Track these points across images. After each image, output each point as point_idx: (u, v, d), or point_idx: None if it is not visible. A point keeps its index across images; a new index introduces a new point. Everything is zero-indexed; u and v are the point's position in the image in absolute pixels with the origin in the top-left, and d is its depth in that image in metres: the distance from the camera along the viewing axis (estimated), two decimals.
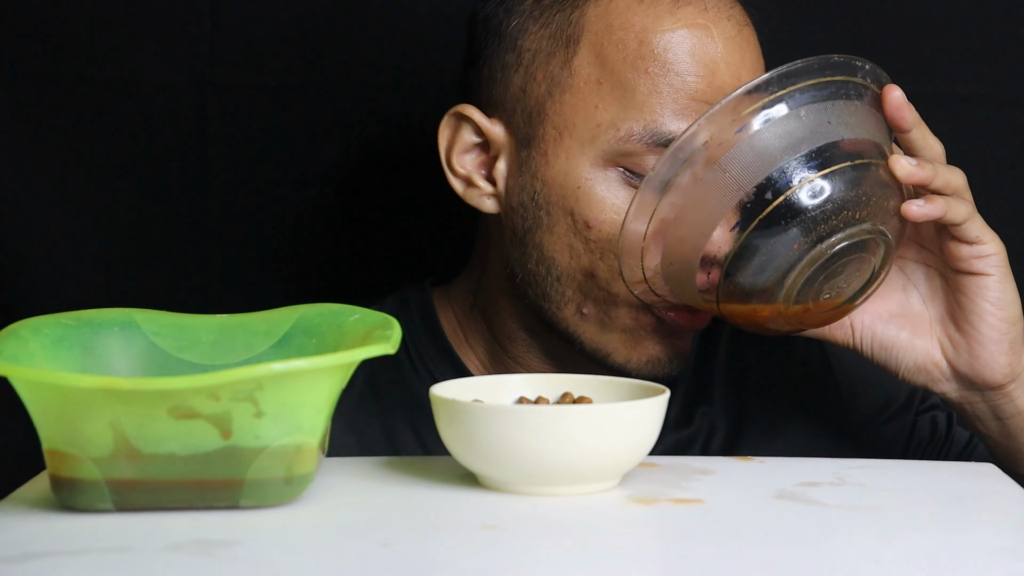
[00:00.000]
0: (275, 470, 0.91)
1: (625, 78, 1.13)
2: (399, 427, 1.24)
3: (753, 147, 1.03)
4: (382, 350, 0.92)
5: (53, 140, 1.46)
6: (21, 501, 0.94)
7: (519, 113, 1.17)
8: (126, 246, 1.48)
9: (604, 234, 1.14)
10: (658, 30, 1.13)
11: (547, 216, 1.16)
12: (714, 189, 1.04)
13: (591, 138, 1.14)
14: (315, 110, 1.48)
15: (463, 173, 1.20)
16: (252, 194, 1.49)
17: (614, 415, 0.94)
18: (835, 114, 1.04)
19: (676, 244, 1.06)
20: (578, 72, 1.14)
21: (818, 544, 0.88)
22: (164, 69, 1.46)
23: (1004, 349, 1.10)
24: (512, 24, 1.17)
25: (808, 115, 1.03)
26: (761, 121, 1.03)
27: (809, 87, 1.03)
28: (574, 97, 1.14)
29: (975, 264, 1.09)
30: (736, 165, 1.03)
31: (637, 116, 1.12)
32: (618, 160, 1.13)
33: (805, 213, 1.03)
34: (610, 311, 1.16)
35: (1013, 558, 0.85)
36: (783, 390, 1.30)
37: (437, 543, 0.88)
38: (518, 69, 1.17)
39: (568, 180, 1.14)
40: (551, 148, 1.15)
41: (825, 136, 1.03)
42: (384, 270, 1.50)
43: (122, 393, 0.87)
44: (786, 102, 1.03)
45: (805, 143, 1.03)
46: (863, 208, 1.04)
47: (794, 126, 1.03)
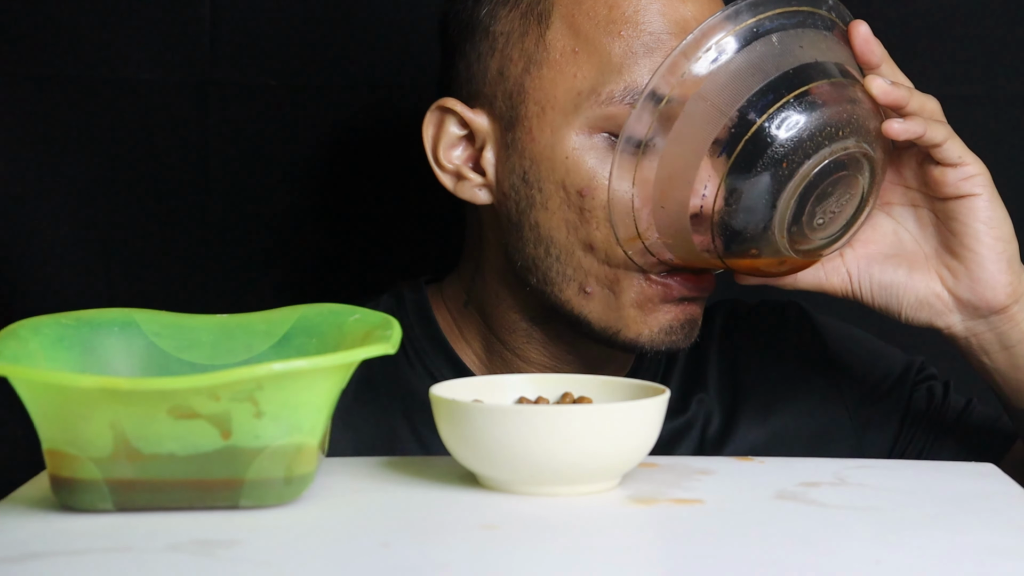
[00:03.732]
0: (275, 470, 0.91)
1: (600, 44, 1.14)
2: (396, 424, 1.24)
3: (730, 72, 1.05)
4: (382, 350, 0.92)
5: (53, 140, 1.46)
6: (21, 501, 0.94)
7: (500, 97, 1.18)
8: (126, 246, 1.48)
9: (598, 201, 1.14)
10: None
11: (539, 193, 1.16)
12: (696, 120, 1.06)
13: (573, 107, 1.15)
14: (315, 110, 1.48)
15: (451, 168, 1.21)
16: (252, 194, 1.49)
17: (614, 415, 0.94)
18: (806, 40, 1.07)
19: (665, 185, 1.07)
20: (553, 45, 1.16)
21: (818, 544, 0.88)
22: (164, 69, 1.46)
23: (1003, 268, 1.11)
24: (482, 12, 1.19)
25: (780, 41, 1.06)
26: (734, 47, 1.06)
27: (778, 15, 1.07)
28: (552, 70, 1.15)
29: (962, 186, 1.11)
30: (714, 93, 1.05)
31: (616, 78, 1.14)
32: (602, 125, 1.14)
33: (789, 131, 1.05)
34: (614, 285, 1.16)
35: (1013, 558, 0.85)
36: (777, 374, 1.30)
37: (437, 543, 0.88)
38: (493, 54, 1.18)
39: (556, 153, 1.15)
40: (535, 124, 1.16)
41: (799, 58, 1.06)
42: (385, 269, 1.50)
43: (122, 393, 0.87)
44: (757, 28, 1.06)
45: (781, 65, 1.06)
46: (845, 126, 1.06)
47: (767, 50, 1.06)
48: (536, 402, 1.03)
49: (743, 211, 1.06)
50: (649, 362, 1.29)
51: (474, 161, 1.21)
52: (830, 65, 1.07)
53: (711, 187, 1.07)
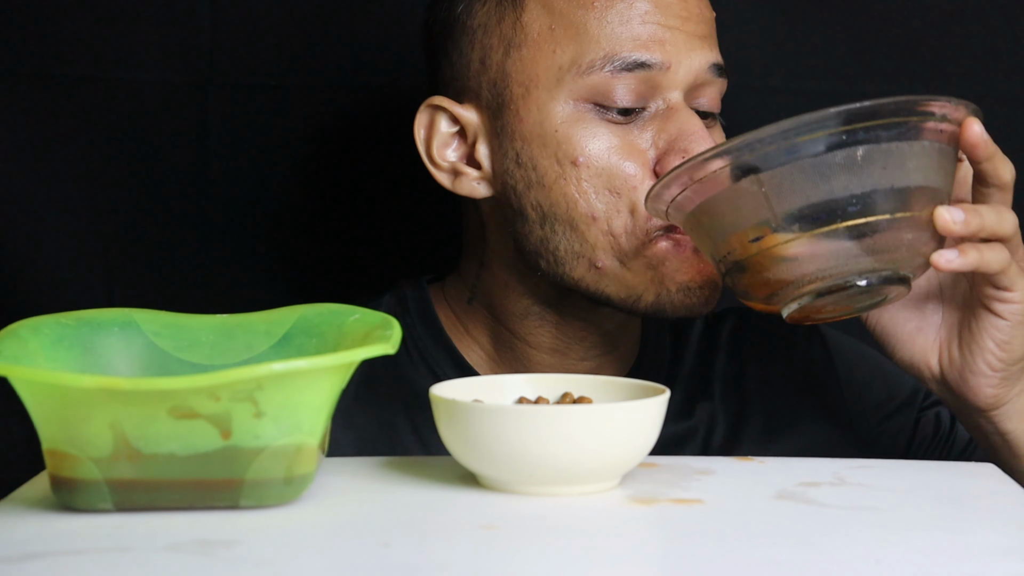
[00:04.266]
0: (275, 470, 0.91)
1: (575, 17, 1.16)
2: (397, 422, 1.25)
3: (797, 171, 0.99)
4: (382, 350, 0.92)
5: (53, 140, 1.46)
6: (21, 501, 0.94)
7: (485, 86, 1.19)
8: (126, 246, 1.48)
9: (593, 169, 1.16)
10: None
11: (535, 172, 1.17)
12: (742, 196, 1.01)
13: (556, 82, 1.16)
14: (315, 110, 1.48)
15: (446, 166, 1.22)
16: (252, 194, 1.49)
17: (614, 415, 0.94)
18: (894, 159, 0.99)
19: (699, 219, 1.04)
20: (529, 26, 1.18)
21: (818, 544, 0.88)
22: (164, 69, 1.46)
23: (993, 383, 1.10)
24: (459, 10, 1.21)
25: (865, 156, 0.99)
26: (817, 149, 0.99)
27: (876, 127, 0.99)
28: (531, 50, 1.17)
29: (995, 305, 1.08)
30: (775, 186, 0.99)
31: (595, 48, 1.16)
32: (586, 95, 1.16)
33: (826, 261, 1.00)
34: (621, 253, 1.16)
35: (1013, 558, 0.85)
36: (784, 386, 1.30)
37: (437, 543, 0.88)
38: (474, 46, 1.20)
39: (545, 129, 1.17)
40: (521, 105, 1.18)
41: (874, 182, 0.99)
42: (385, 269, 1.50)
43: (122, 393, 0.87)
44: (848, 137, 0.99)
45: (851, 187, 0.99)
46: (889, 257, 1.01)
47: (847, 163, 0.99)
48: (536, 402, 1.03)
49: (753, 291, 1.04)
50: (652, 363, 1.29)
51: (468, 156, 1.22)
52: (906, 193, 1.00)
53: (732, 257, 1.03)
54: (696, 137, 1.15)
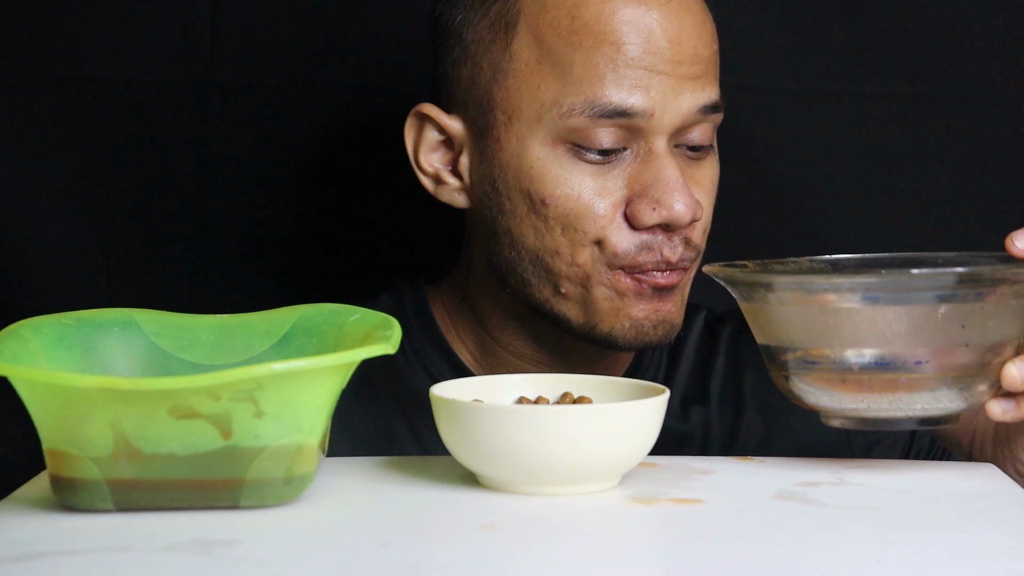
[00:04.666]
0: (275, 470, 0.91)
1: (562, 54, 1.14)
2: (394, 423, 1.25)
3: (870, 314, 0.96)
4: (382, 350, 0.92)
5: (53, 140, 1.46)
6: (21, 501, 0.94)
7: (472, 104, 1.19)
8: (126, 246, 1.48)
9: (561, 210, 1.15)
10: (588, 4, 1.15)
11: (508, 201, 1.17)
12: (806, 319, 0.98)
13: (537, 118, 1.15)
14: (315, 110, 1.48)
15: (431, 171, 1.22)
16: (252, 194, 1.49)
17: (614, 415, 0.94)
18: (976, 319, 0.96)
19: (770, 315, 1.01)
20: (518, 55, 1.16)
21: (818, 544, 0.88)
22: (164, 69, 1.46)
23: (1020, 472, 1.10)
24: (457, 19, 1.20)
25: (946, 315, 0.96)
26: (892, 299, 0.96)
27: (962, 285, 0.95)
28: (517, 80, 1.16)
29: None
30: (846, 325, 0.97)
31: (577, 90, 1.14)
32: (566, 136, 1.15)
33: (882, 396, 0.98)
34: (585, 283, 1.17)
35: (1013, 558, 0.85)
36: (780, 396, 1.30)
37: (437, 543, 0.88)
38: (465, 62, 1.19)
39: (522, 162, 1.16)
40: (503, 134, 1.17)
41: (951, 339, 0.96)
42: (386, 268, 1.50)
43: (122, 393, 0.87)
44: (937, 294, 0.95)
45: (931, 341, 0.96)
46: (946, 405, 0.99)
47: (925, 319, 0.96)
48: (536, 402, 1.03)
49: (793, 393, 1.02)
50: (649, 366, 1.29)
51: (453, 164, 1.22)
52: (979, 349, 0.97)
53: (778, 360, 1.01)
54: (671, 188, 1.14)
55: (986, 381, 0.98)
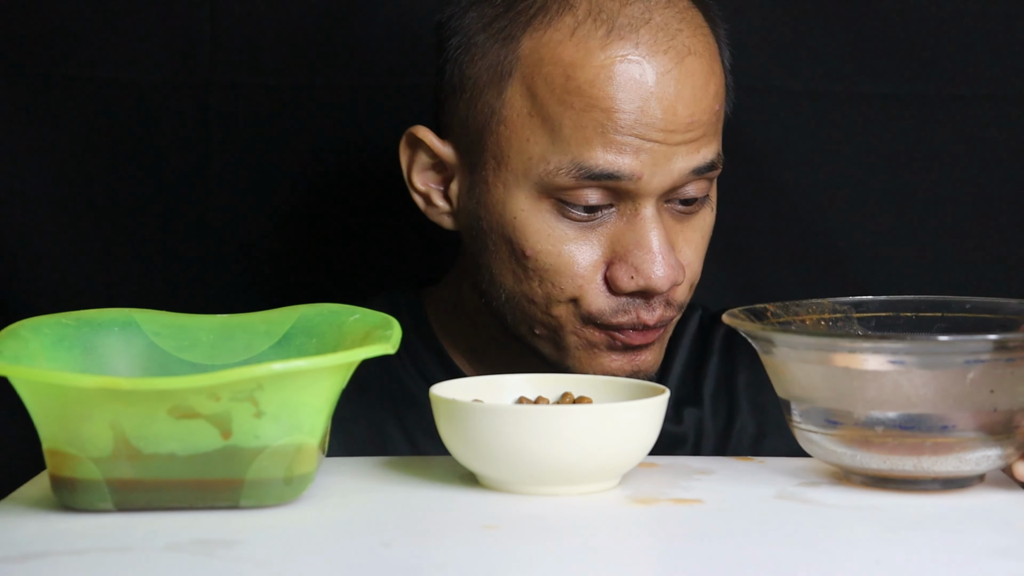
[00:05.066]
0: (275, 470, 0.91)
1: (553, 112, 1.12)
2: (388, 426, 1.25)
3: (887, 381, 0.94)
4: (382, 350, 0.92)
5: (53, 139, 1.46)
6: (21, 501, 0.94)
7: (464, 139, 1.18)
8: (126, 246, 1.48)
9: (541, 264, 1.14)
10: (585, 65, 1.12)
11: (491, 242, 1.17)
12: (830, 379, 0.96)
13: (524, 171, 1.14)
14: (315, 110, 1.48)
15: (423, 191, 1.21)
16: (252, 194, 1.49)
17: (614, 415, 0.94)
18: (1005, 382, 0.94)
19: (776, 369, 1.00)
20: (511, 104, 1.14)
21: (818, 544, 0.88)
22: (164, 69, 1.46)
23: None
24: (459, 50, 1.17)
25: (974, 380, 0.93)
26: (923, 361, 0.93)
27: (994, 351, 0.93)
28: (508, 129, 1.14)
29: None
30: (872, 388, 0.94)
31: (565, 150, 1.12)
32: (551, 192, 1.13)
33: (904, 458, 0.96)
34: (558, 332, 1.17)
35: (1013, 558, 0.85)
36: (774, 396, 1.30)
37: (437, 543, 0.88)
38: (463, 96, 1.17)
39: (506, 210, 1.15)
40: (491, 177, 1.16)
41: (979, 404, 0.94)
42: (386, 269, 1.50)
43: (122, 393, 0.87)
44: (964, 358, 0.93)
45: (960, 405, 0.94)
46: (968, 468, 0.97)
47: (951, 384, 0.94)
48: (536, 402, 1.03)
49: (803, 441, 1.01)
50: None
51: (444, 187, 1.21)
52: (1008, 415, 0.95)
53: (794, 406, 1.00)
54: (651, 256, 1.12)
55: (1013, 444, 0.96)
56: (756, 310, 1.02)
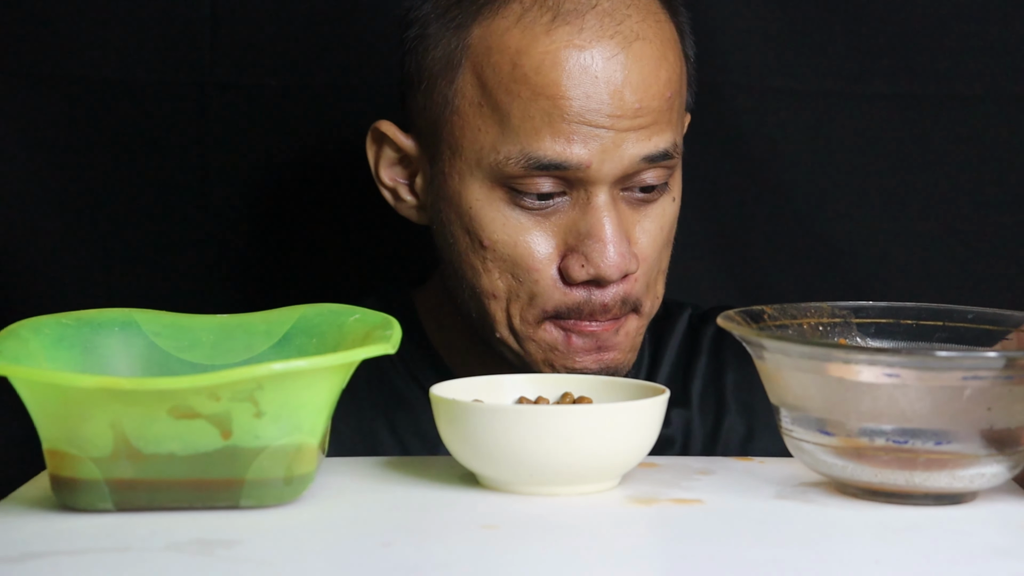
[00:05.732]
0: (275, 470, 0.91)
1: (501, 101, 1.13)
2: (377, 427, 1.25)
3: (882, 394, 0.92)
4: (382, 350, 0.92)
5: (53, 140, 1.46)
6: (21, 501, 0.94)
7: (425, 131, 1.18)
8: (126, 246, 1.48)
9: (499, 254, 1.15)
10: (530, 52, 1.12)
11: (451, 235, 1.17)
12: (824, 388, 0.94)
13: (477, 160, 1.14)
14: (315, 110, 1.48)
15: (391, 185, 1.22)
16: (251, 194, 1.49)
17: (614, 415, 0.94)
18: (1003, 401, 0.92)
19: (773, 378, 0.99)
20: (462, 94, 1.15)
21: (818, 544, 0.88)
22: (164, 69, 1.46)
23: None
24: (416, 40, 1.18)
25: (971, 396, 0.91)
26: (920, 377, 0.92)
27: (999, 372, 0.91)
28: (461, 119, 1.15)
29: None
30: (866, 400, 0.93)
31: (514, 140, 1.12)
32: (503, 181, 1.14)
33: (897, 473, 0.94)
34: (521, 330, 1.17)
35: (1013, 558, 0.85)
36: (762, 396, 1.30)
37: (437, 543, 0.88)
38: (420, 87, 1.18)
39: (462, 201, 1.15)
40: (447, 168, 1.16)
41: (975, 421, 0.92)
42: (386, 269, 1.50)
43: (122, 393, 0.87)
44: (954, 374, 0.91)
45: (955, 422, 0.92)
46: (959, 486, 0.95)
47: (949, 401, 0.92)
48: (536, 402, 1.03)
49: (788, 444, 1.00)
50: (629, 370, 1.29)
51: (411, 179, 1.21)
52: (1003, 435, 0.93)
53: (785, 412, 0.98)
54: (602, 244, 1.12)
55: (1006, 463, 0.94)
56: (753, 312, 1.01)
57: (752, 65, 1.47)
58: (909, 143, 1.49)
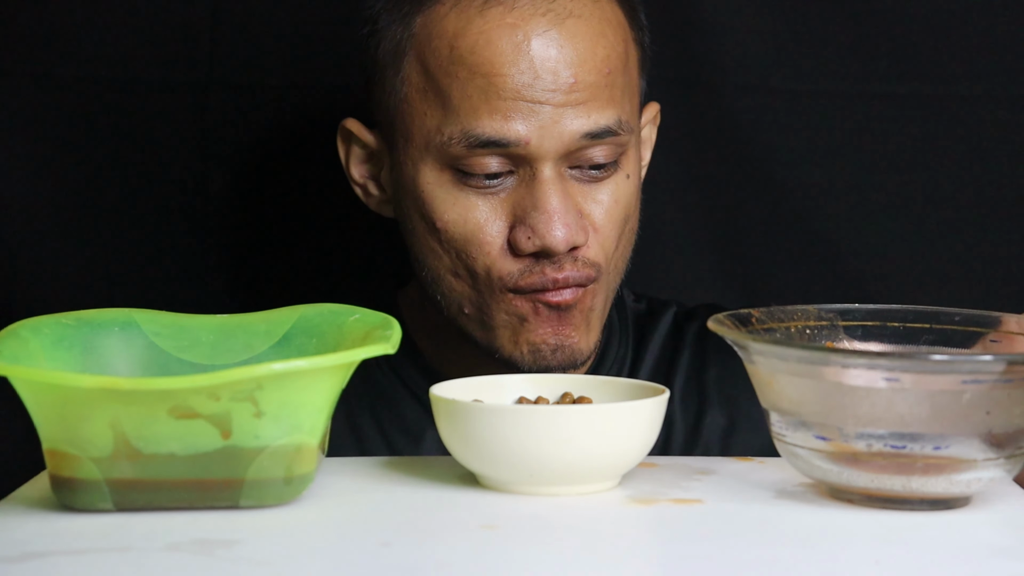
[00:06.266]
0: (275, 470, 0.91)
1: (442, 84, 1.16)
2: (363, 422, 1.27)
3: (879, 399, 0.92)
4: (382, 350, 0.92)
5: (53, 139, 1.46)
6: (21, 501, 0.94)
7: (383, 124, 1.22)
8: (126, 246, 1.48)
9: (451, 234, 1.17)
10: (465, 34, 1.15)
11: (411, 222, 1.20)
12: (820, 394, 0.94)
13: (425, 144, 1.17)
14: (315, 110, 1.48)
15: (361, 182, 1.25)
16: (252, 194, 1.49)
17: (614, 415, 0.94)
18: (1002, 405, 0.91)
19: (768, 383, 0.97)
20: (408, 81, 1.18)
21: (818, 544, 0.88)
22: (164, 69, 1.46)
23: None
24: (370, 37, 1.22)
25: (971, 400, 0.91)
26: (915, 381, 0.91)
27: (999, 376, 0.90)
28: (409, 106, 1.18)
29: None
30: (863, 404, 0.92)
31: (455, 120, 1.15)
32: (450, 163, 1.16)
33: (894, 477, 0.93)
34: (483, 306, 1.18)
35: (1013, 558, 0.85)
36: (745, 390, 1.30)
37: (437, 543, 0.88)
38: (375, 81, 1.21)
39: (416, 186, 1.18)
40: (402, 156, 1.19)
41: (974, 426, 0.91)
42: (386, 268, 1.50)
43: (122, 393, 0.87)
44: (952, 377, 0.90)
45: (956, 427, 0.92)
46: (956, 491, 0.94)
47: (949, 404, 0.91)
48: (536, 402, 1.03)
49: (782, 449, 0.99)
50: (612, 364, 1.30)
51: (378, 175, 1.24)
52: (1002, 439, 0.93)
53: (779, 417, 0.97)
54: (547, 216, 1.14)
55: (1004, 467, 0.94)
56: (740, 315, 1.01)
57: (752, 65, 1.47)
58: (909, 143, 1.49)
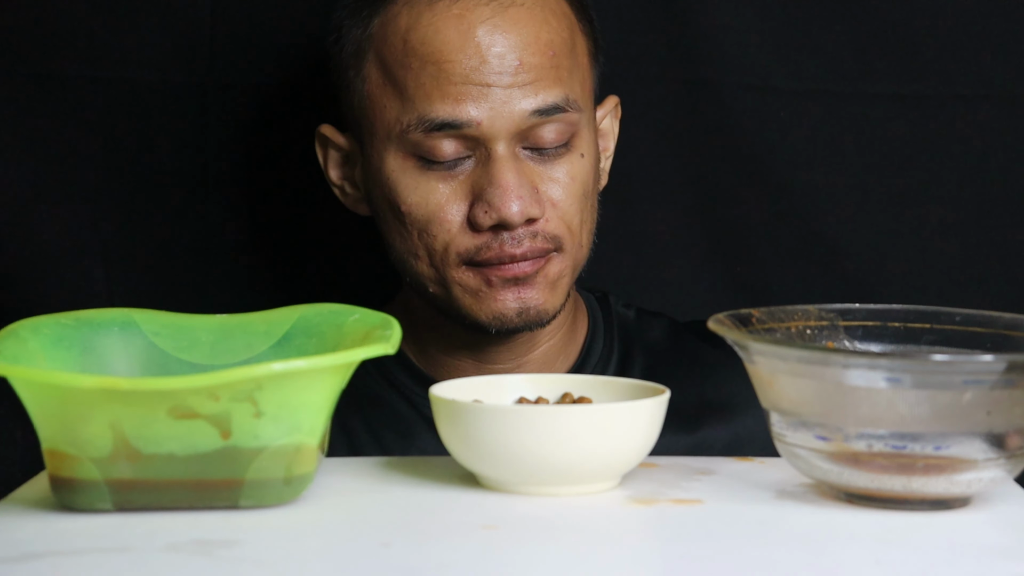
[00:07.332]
0: (275, 470, 0.91)
1: (398, 76, 1.23)
2: (355, 426, 1.30)
3: (880, 399, 0.91)
4: (382, 350, 0.92)
5: (53, 140, 1.46)
6: (21, 501, 0.94)
7: (352, 125, 1.29)
8: (126, 246, 1.48)
9: (414, 216, 1.24)
10: (416, 27, 1.23)
11: (381, 211, 1.27)
12: (821, 394, 0.93)
13: (387, 135, 1.24)
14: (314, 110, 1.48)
15: (339, 184, 1.32)
16: (251, 194, 1.49)
17: (614, 415, 0.94)
18: (1002, 405, 0.91)
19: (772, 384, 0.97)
20: (369, 79, 1.25)
21: (818, 544, 0.88)
22: (164, 69, 1.46)
23: None
24: (335, 44, 1.29)
25: (972, 400, 0.91)
26: (917, 381, 0.91)
27: (1000, 375, 0.90)
28: (371, 102, 1.25)
29: None
30: (864, 405, 0.92)
31: (411, 108, 1.22)
32: (411, 150, 1.23)
33: (895, 479, 0.93)
34: (442, 282, 1.24)
35: (1013, 558, 0.85)
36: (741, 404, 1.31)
37: (437, 543, 0.88)
38: (342, 84, 1.29)
39: (382, 176, 1.25)
40: (368, 150, 1.26)
41: (975, 426, 0.91)
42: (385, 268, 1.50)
43: (122, 393, 0.87)
44: (954, 378, 0.90)
45: (956, 425, 0.91)
46: (957, 491, 0.94)
47: (950, 403, 0.91)
48: (536, 402, 1.03)
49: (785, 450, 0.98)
50: (595, 366, 1.33)
51: (353, 175, 1.31)
52: (1002, 439, 0.92)
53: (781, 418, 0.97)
54: (501, 191, 1.20)
55: (1005, 467, 0.93)
56: (741, 316, 1.01)
57: (752, 65, 1.47)
58: (909, 143, 1.49)
